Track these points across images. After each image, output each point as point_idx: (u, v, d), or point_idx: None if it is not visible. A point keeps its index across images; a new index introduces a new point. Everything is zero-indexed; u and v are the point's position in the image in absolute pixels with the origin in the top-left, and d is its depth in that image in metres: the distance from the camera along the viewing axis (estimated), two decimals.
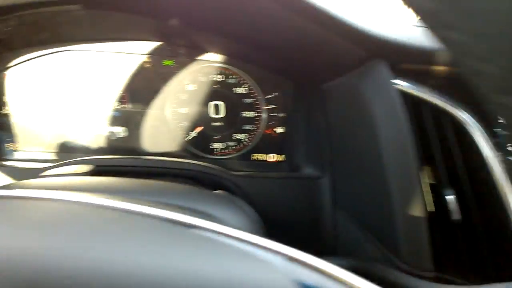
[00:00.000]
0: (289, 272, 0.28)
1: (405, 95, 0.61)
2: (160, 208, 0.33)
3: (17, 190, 0.37)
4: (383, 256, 0.62)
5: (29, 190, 0.45)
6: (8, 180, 0.78)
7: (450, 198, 0.60)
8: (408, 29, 0.65)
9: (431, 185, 0.62)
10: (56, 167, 0.75)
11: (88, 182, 0.57)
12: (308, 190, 0.82)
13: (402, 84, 0.62)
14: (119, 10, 0.64)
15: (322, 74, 0.74)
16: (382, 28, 0.62)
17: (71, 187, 0.54)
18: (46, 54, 0.79)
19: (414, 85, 0.62)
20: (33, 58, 0.79)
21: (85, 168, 0.71)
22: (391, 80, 0.61)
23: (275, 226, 0.62)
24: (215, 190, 0.73)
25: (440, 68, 0.62)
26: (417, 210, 0.57)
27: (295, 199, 0.82)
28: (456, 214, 0.59)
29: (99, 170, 0.73)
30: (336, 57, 0.67)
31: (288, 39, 0.67)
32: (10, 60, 0.79)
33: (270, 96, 0.88)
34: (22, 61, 0.79)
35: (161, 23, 0.73)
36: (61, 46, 0.79)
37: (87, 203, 0.33)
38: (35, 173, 0.75)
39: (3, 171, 0.78)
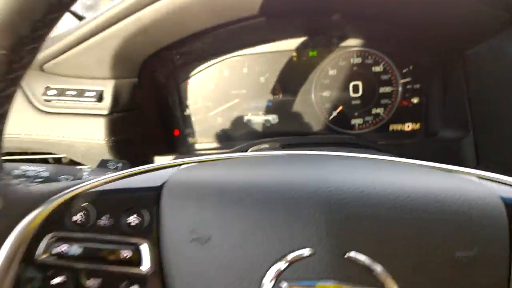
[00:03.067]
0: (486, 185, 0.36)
1: None
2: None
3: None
4: None
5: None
6: None
7: None
8: None
9: None
10: (237, 151, 0.93)
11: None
12: (448, 152, 0.90)
13: None
14: (291, 15, 0.80)
15: (465, 40, 0.80)
16: None
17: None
18: (219, 62, 0.99)
19: None
20: (210, 65, 0.99)
21: (275, 145, 0.87)
22: None
23: None
24: None
25: None
26: None
27: (437, 160, 0.90)
28: None
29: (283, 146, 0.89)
30: (478, 23, 0.72)
31: (429, 12, 0.75)
32: (194, 69, 1.00)
33: (405, 70, 0.97)
34: (202, 69, 0.99)
35: (311, 20, 0.88)
36: (231, 53, 0.97)
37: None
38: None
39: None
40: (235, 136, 1.06)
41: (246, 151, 0.90)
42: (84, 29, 0.74)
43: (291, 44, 0.97)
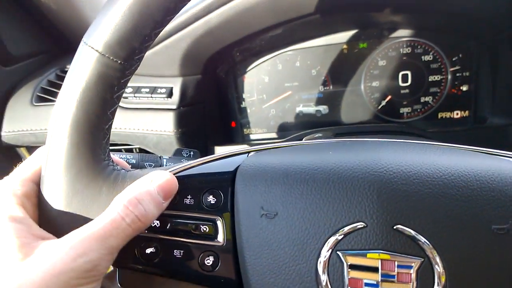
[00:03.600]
0: None
1: None
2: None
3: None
4: None
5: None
6: None
7: None
8: None
9: None
10: (289, 140, 1.00)
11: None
12: (498, 138, 0.92)
13: None
14: (345, 11, 0.85)
15: (509, 26, 0.82)
16: None
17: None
18: (273, 56, 1.05)
19: None
20: (265, 60, 1.06)
21: (328, 133, 0.93)
22: None
23: None
24: None
25: None
26: None
27: (487, 146, 0.92)
28: None
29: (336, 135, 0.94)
30: None
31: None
32: (251, 64, 1.07)
33: (454, 58, 0.99)
34: (257, 64, 1.06)
35: (362, 14, 0.92)
36: (285, 47, 1.04)
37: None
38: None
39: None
40: (287, 126, 1.12)
41: (300, 140, 0.96)
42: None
43: (342, 37, 1.02)
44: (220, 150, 1.03)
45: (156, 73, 0.93)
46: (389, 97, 1.06)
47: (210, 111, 1.02)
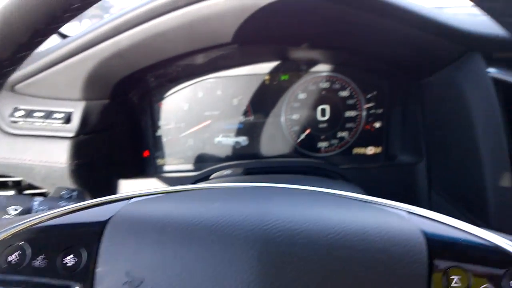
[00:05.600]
0: (413, 221, 0.39)
1: (497, 81, 0.73)
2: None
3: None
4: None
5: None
6: (161, 186, 0.96)
7: None
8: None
9: None
10: (203, 174, 0.93)
11: (252, 178, 0.75)
12: (405, 176, 0.96)
13: (494, 71, 0.74)
14: (263, 43, 0.83)
15: (421, 70, 0.87)
16: (474, 23, 0.74)
17: (244, 181, 0.71)
18: (194, 83, 0.99)
19: (506, 71, 0.74)
20: (184, 88, 0.99)
21: (237, 171, 0.88)
22: (485, 69, 0.73)
23: None
24: None
25: None
26: (507, 184, 0.68)
27: (394, 185, 0.96)
28: None
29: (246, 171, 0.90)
30: (435, 54, 0.79)
31: (390, 44, 0.80)
32: (168, 90, 0.99)
33: (369, 96, 1.03)
34: (176, 90, 0.99)
35: (284, 47, 0.91)
36: (206, 75, 0.98)
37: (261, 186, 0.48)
38: (184, 182, 0.94)
39: (160, 181, 0.96)
40: (205, 157, 1.06)
41: (209, 176, 0.90)
42: (60, 52, 0.72)
43: (264, 67, 1.00)
44: (126, 185, 0.92)
45: (54, 95, 0.81)
46: (308, 131, 1.06)
47: (119, 140, 0.92)
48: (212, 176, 0.89)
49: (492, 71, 0.74)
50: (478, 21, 0.76)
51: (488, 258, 0.36)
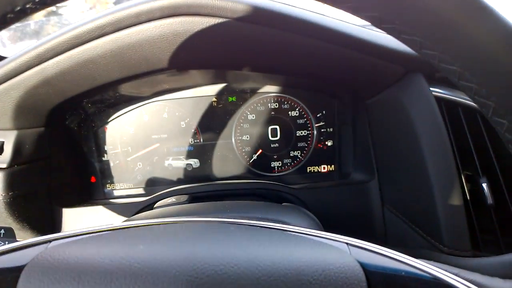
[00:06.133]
0: (352, 254, 0.38)
1: (440, 99, 0.74)
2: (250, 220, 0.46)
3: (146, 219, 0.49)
4: (427, 243, 0.74)
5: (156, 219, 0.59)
6: (113, 214, 0.93)
7: (485, 185, 0.72)
8: None
9: (467, 176, 0.74)
10: (152, 200, 0.91)
11: (191, 208, 0.73)
12: (358, 193, 0.95)
13: (437, 90, 0.75)
14: (202, 68, 0.82)
15: (365, 91, 0.87)
16: None
17: (181, 212, 0.69)
18: (138, 107, 0.97)
19: (448, 90, 0.76)
20: (128, 111, 0.97)
21: (181, 198, 0.86)
22: (427, 89, 0.74)
23: (330, 227, 0.69)
24: (281, 203, 0.89)
25: None
26: (456, 200, 0.68)
27: (348, 203, 0.95)
28: (489, 199, 0.71)
29: (192, 197, 0.88)
30: (378, 75, 0.79)
31: (334, 66, 0.80)
32: (111, 115, 0.97)
33: (319, 115, 1.03)
34: (119, 115, 0.97)
35: (229, 71, 0.90)
36: (149, 99, 0.96)
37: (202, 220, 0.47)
38: (132, 207, 0.92)
39: (108, 208, 0.93)
40: (155, 181, 1.04)
41: (155, 203, 0.88)
42: None
43: (210, 90, 0.99)
44: (70, 214, 0.89)
45: None
46: (260, 151, 1.05)
47: (59, 168, 0.89)
48: (156, 205, 0.86)
49: (435, 90, 0.76)
50: None
51: None
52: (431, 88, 0.75)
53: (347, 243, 0.40)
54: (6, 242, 0.50)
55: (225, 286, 0.33)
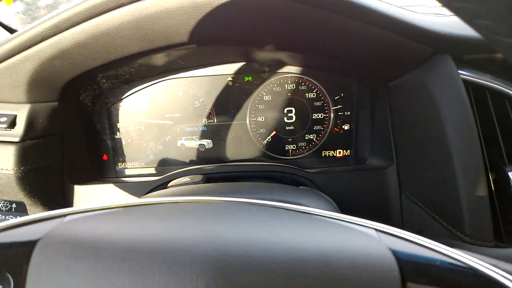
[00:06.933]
0: (382, 241, 0.36)
1: (467, 83, 0.71)
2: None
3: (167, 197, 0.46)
4: (448, 232, 0.72)
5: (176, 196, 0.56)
6: (124, 193, 0.92)
7: (510, 174, 0.69)
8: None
9: (492, 164, 0.71)
10: (164, 179, 0.90)
11: (208, 188, 0.71)
12: (375, 179, 0.93)
13: (464, 73, 0.72)
14: (223, 44, 0.79)
15: (389, 73, 0.84)
16: (443, 24, 0.72)
17: (198, 192, 0.67)
18: (152, 84, 0.95)
19: (476, 73, 0.73)
20: (142, 88, 0.95)
21: (196, 178, 0.84)
22: (455, 71, 0.71)
23: (345, 213, 0.70)
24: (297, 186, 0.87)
25: (499, 55, 0.71)
26: (480, 189, 0.66)
27: (364, 189, 0.93)
28: None
29: (207, 178, 0.86)
30: (403, 56, 0.75)
31: (358, 46, 0.77)
32: (125, 92, 0.95)
33: (337, 97, 1.00)
34: (133, 92, 0.94)
35: (244, 48, 0.87)
36: (165, 76, 0.94)
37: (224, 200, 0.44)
38: (144, 186, 0.90)
39: (119, 187, 0.92)
40: (167, 161, 1.02)
41: (168, 182, 0.86)
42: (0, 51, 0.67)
43: (226, 69, 0.97)
44: (82, 191, 0.88)
45: None
46: (273, 133, 1.02)
47: (72, 144, 0.87)
48: (170, 184, 0.85)
49: (462, 73, 0.72)
50: (448, 22, 0.73)
51: (466, 283, 0.33)
52: (460, 71, 0.72)
53: (376, 229, 0.38)
54: (18, 217, 0.49)
55: (249, 268, 0.31)
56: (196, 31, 0.70)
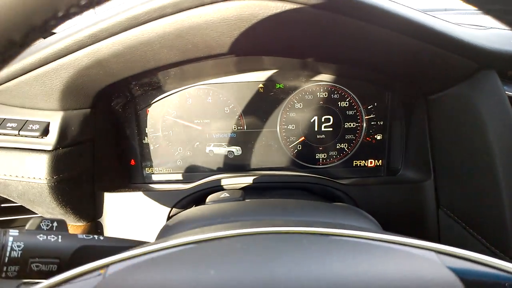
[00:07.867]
0: (442, 262, 0.34)
1: None
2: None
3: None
4: (489, 251, 0.69)
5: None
6: (154, 202, 0.89)
7: None
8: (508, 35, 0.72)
9: None
10: (194, 189, 0.88)
11: (250, 208, 0.67)
12: (411, 193, 0.90)
13: (509, 89, 0.69)
14: (262, 55, 0.76)
15: (430, 86, 0.81)
16: (487, 38, 0.69)
17: (240, 213, 0.64)
18: (181, 90, 0.93)
19: None
20: (171, 94, 0.93)
21: (235, 193, 0.80)
22: (501, 87, 0.68)
23: (384, 227, 0.67)
24: (329, 198, 0.85)
25: None
26: None
27: (399, 202, 0.90)
28: None
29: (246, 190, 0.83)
30: (448, 70, 0.73)
31: (402, 59, 0.73)
32: (154, 97, 0.93)
33: (370, 107, 0.97)
34: (163, 97, 0.92)
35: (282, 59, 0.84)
36: (196, 82, 0.92)
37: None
38: (174, 195, 0.88)
39: (149, 195, 0.90)
40: (195, 167, 1.00)
41: (200, 191, 0.84)
42: (33, 58, 0.65)
43: (258, 75, 0.94)
44: (112, 199, 0.86)
45: (29, 105, 0.74)
46: (304, 141, 1.00)
47: (103, 150, 0.86)
48: (208, 200, 0.81)
49: (506, 88, 0.69)
50: (490, 35, 0.70)
51: None
52: (505, 87, 0.69)
53: (435, 251, 0.36)
54: (59, 236, 0.47)
55: None
56: (237, 42, 0.67)
